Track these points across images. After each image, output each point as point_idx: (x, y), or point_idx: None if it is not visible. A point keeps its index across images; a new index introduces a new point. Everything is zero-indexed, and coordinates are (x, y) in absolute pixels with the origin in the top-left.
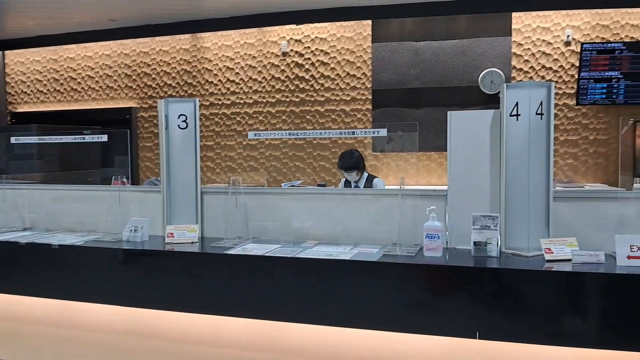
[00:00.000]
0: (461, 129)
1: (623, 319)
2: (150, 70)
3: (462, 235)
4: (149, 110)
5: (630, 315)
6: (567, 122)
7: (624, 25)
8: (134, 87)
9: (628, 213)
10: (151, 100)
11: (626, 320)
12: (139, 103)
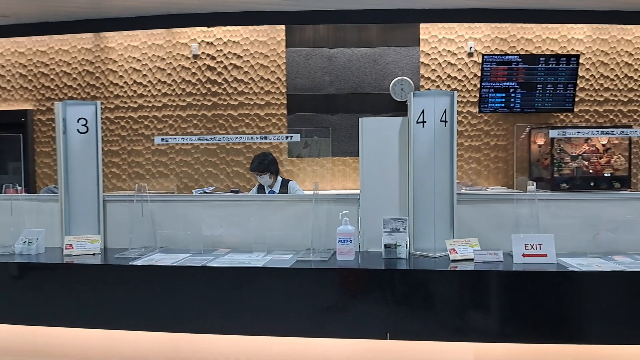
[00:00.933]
0: (372, 135)
1: (520, 313)
2: (48, 70)
3: (374, 238)
4: (47, 113)
5: (526, 309)
6: (470, 129)
7: (519, 39)
8: (30, 88)
9: (523, 213)
10: (49, 102)
11: (523, 314)
12: (35, 105)
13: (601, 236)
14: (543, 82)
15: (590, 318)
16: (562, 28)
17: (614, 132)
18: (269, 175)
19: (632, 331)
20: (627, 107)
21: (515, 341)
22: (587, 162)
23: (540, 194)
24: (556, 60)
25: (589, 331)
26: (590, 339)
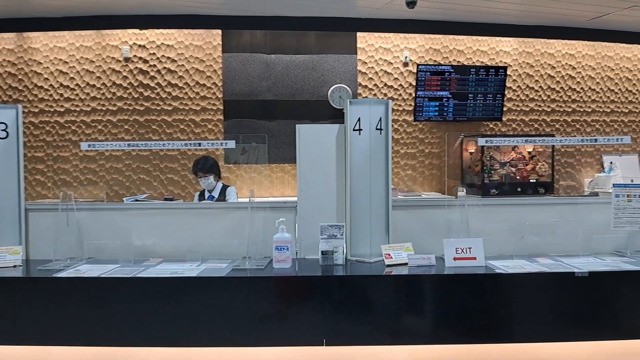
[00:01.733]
0: (309, 142)
1: (452, 315)
2: None
3: (312, 245)
4: None
5: (458, 311)
6: (406, 137)
7: (452, 50)
8: None
9: (454, 218)
10: None
11: (455, 315)
12: None
13: (526, 239)
14: (474, 92)
15: (517, 317)
16: (491, 41)
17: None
18: (213, 177)
19: (555, 329)
20: (550, 117)
21: (448, 342)
22: (514, 169)
23: (470, 200)
24: (486, 72)
25: (516, 330)
26: (517, 337)
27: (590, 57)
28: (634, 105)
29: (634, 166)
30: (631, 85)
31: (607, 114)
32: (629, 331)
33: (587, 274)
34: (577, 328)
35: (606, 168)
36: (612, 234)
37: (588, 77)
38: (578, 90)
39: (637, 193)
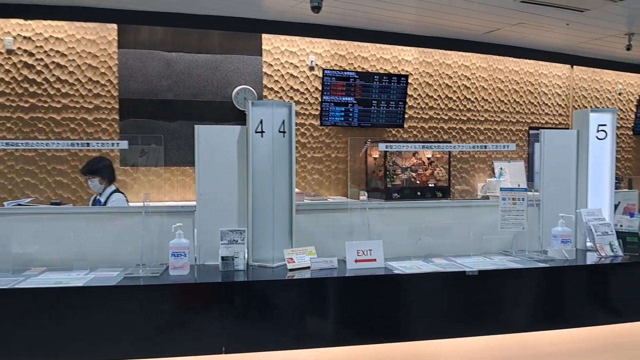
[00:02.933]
0: (209, 144)
1: (354, 316)
2: None
3: (212, 251)
4: None
5: (359, 312)
6: (313, 141)
7: (357, 57)
8: None
9: (356, 221)
10: None
11: (357, 316)
12: None
13: (423, 241)
14: (377, 98)
15: (414, 316)
16: (394, 49)
17: (432, 147)
18: (99, 180)
19: (450, 325)
20: (448, 125)
21: (351, 343)
22: (415, 174)
23: (370, 203)
24: (388, 79)
25: (414, 328)
26: (416, 335)
27: (483, 69)
28: (520, 115)
29: (521, 172)
30: (518, 97)
31: (497, 123)
32: (514, 325)
33: (476, 272)
34: (469, 324)
35: (497, 173)
36: (499, 235)
37: (481, 87)
38: (472, 100)
39: (521, 197)
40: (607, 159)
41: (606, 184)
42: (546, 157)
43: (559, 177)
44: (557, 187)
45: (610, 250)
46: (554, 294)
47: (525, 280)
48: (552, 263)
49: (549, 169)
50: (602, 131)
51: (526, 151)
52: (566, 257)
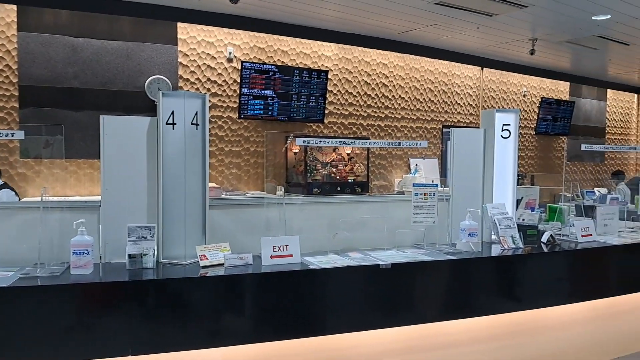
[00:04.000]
0: (116, 136)
1: (270, 312)
2: None
3: (119, 248)
4: None
5: (275, 308)
6: (231, 134)
7: (276, 50)
8: None
9: (273, 217)
10: None
11: (273, 312)
12: None
13: (340, 235)
14: (298, 93)
15: (331, 310)
16: (314, 44)
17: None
18: None
19: (365, 318)
20: (367, 122)
21: (267, 340)
22: (335, 169)
23: (287, 198)
24: (309, 74)
25: (330, 322)
26: (332, 329)
27: (400, 68)
28: (435, 114)
29: (435, 168)
30: (433, 96)
31: (413, 121)
32: (426, 316)
33: (389, 265)
34: (383, 316)
35: (412, 170)
36: (412, 229)
37: (399, 86)
38: (390, 98)
39: (432, 192)
40: (510, 156)
41: (509, 180)
42: (456, 154)
43: (467, 174)
44: (465, 183)
45: (512, 243)
46: (461, 285)
47: (435, 272)
48: (460, 255)
49: (458, 166)
50: (507, 130)
51: (440, 148)
52: (472, 249)
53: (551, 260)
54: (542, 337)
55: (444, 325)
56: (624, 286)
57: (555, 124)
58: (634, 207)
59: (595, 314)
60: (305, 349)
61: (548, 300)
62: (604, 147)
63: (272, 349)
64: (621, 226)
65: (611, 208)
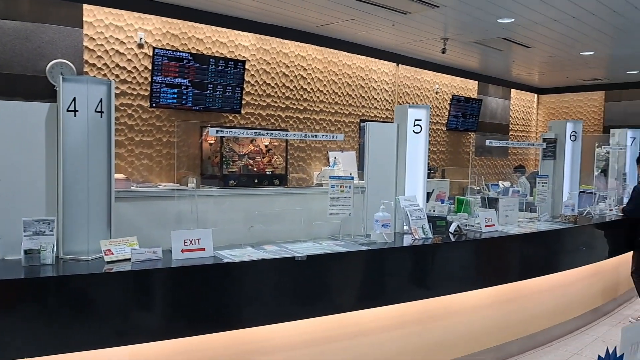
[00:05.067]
0: (10, 123)
1: (182, 307)
2: None
3: (14, 244)
4: None
5: (187, 303)
6: (142, 124)
7: (191, 37)
8: None
9: (185, 210)
10: None
11: (184, 308)
12: None
13: (255, 228)
14: (214, 82)
15: (245, 303)
16: (231, 33)
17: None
18: None
19: (280, 310)
20: (285, 113)
21: (180, 336)
22: (252, 161)
23: (199, 190)
24: (225, 64)
25: (245, 316)
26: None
27: (319, 61)
28: (352, 108)
29: (353, 161)
30: (351, 90)
31: (332, 114)
32: (342, 305)
33: (305, 257)
34: (299, 307)
35: (331, 163)
36: (328, 220)
37: (317, 79)
38: (309, 91)
39: (348, 184)
40: (421, 150)
41: (420, 174)
42: (371, 148)
43: (382, 167)
44: (380, 176)
45: (423, 233)
46: (375, 275)
47: (350, 263)
48: (374, 246)
49: (373, 159)
50: (418, 125)
51: (358, 142)
52: (386, 240)
53: (457, 249)
54: (450, 321)
55: (358, 314)
56: (524, 272)
57: (464, 121)
58: (532, 200)
59: (498, 298)
60: (220, 344)
61: (455, 287)
62: (506, 143)
63: (185, 345)
64: (520, 217)
65: (512, 200)
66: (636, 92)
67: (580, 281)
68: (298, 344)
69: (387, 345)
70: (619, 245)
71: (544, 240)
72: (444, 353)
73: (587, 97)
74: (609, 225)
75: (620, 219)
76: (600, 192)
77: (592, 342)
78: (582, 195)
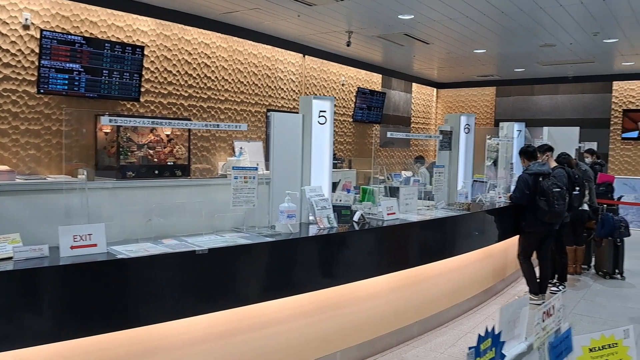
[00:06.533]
0: None
1: (73, 308)
2: None
3: None
4: None
5: (79, 302)
6: (28, 111)
7: (83, 20)
8: None
9: (75, 203)
10: None
11: (76, 308)
12: None
13: (153, 222)
14: (109, 68)
15: (143, 300)
16: (128, 17)
17: (162, 123)
18: None
19: (182, 305)
20: (188, 102)
21: (72, 337)
22: (152, 151)
23: (90, 183)
24: (122, 49)
25: (143, 313)
26: (145, 320)
27: (223, 49)
28: (259, 97)
29: (260, 151)
30: (257, 80)
31: (238, 104)
32: (247, 298)
33: (207, 250)
34: (201, 301)
35: (237, 153)
36: (232, 212)
37: (222, 67)
38: (213, 79)
39: (252, 175)
40: (326, 141)
41: (326, 164)
42: (276, 138)
43: (287, 157)
44: (285, 167)
45: (328, 223)
46: (280, 265)
47: (254, 255)
48: (279, 237)
49: (278, 150)
50: (323, 117)
51: (264, 132)
52: (291, 230)
53: (361, 237)
54: (354, 308)
55: (264, 305)
56: (423, 257)
57: (369, 113)
58: (431, 188)
59: (399, 283)
60: (117, 343)
61: (359, 274)
62: (406, 135)
63: (78, 346)
64: (420, 205)
65: (411, 189)
66: (523, 88)
67: (473, 264)
68: (202, 338)
69: (294, 334)
70: (507, 230)
71: (441, 227)
72: (350, 338)
73: (480, 92)
74: (498, 211)
75: (507, 206)
76: (491, 181)
77: (484, 321)
78: (475, 184)
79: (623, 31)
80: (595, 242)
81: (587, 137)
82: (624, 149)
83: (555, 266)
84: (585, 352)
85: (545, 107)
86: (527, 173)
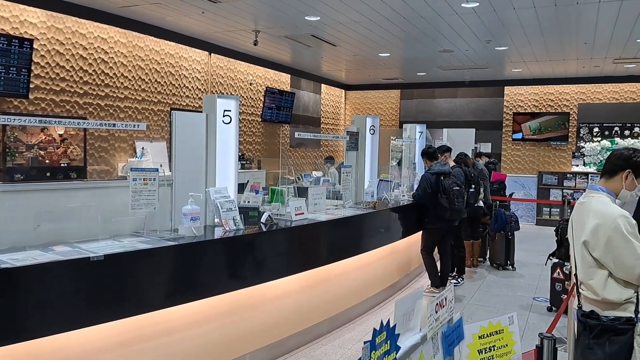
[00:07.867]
0: None
1: None
2: None
3: None
4: None
5: None
6: None
7: None
8: None
9: None
10: None
11: None
12: None
13: (42, 228)
14: None
15: (32, 312)
16: (15, 8)
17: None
18: None
19: (75, 315)
20: (83, 99)
21: None
22: (43, 152)
23: None
24: (8, 41)
25: (30, 326)
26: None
27: (122, 45)
28: (162, 95)
29: (164, 152)
30: (160, 77)
31: (139, 102)
32: (148, 304)
33: (102, 257)
34: (97, 310)
35: (138, 153)
36: (131, 216)
37: (121, 63)
38: (111, 76)
39: (152, 177)
40: (232, 141)
41: (231, 164)
42: (178, 138)
43: (191, 158)
44: (189, 167)
45: (234, 225)
46: (184, 270)
47: (155, 260)
48: (182, 240)
49: (181, 150)
50: (228, 116)
51: (168, 132)
52: (195, 233)
53: (268, 238)
54: (262, 309)
55: (169, 311)
56: (330, 256)
57: (279, 113)
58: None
59: (307, 283)
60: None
61: (267, 276)
62: (314, 135)
63: None
64: (328, 204)
65: (320, 189)
66: (425, 91)
67: (379, 260)
68: (96, 350)
69: (201, 339)
70: (410, 227)
71: (348, 225)
72: (259, 339)
73: (386, 95)
74: (402, 209)
75: (411, 204)
76: (395, 180)
77: (390, 315)
78: (380, 183)
79: (512, 40)
80: (490, 236)
81: (483, 138)
82: (514, 149)
83: (454, 260)
84: (475, 339)
85: (445, 109)
86: (429, 172)
